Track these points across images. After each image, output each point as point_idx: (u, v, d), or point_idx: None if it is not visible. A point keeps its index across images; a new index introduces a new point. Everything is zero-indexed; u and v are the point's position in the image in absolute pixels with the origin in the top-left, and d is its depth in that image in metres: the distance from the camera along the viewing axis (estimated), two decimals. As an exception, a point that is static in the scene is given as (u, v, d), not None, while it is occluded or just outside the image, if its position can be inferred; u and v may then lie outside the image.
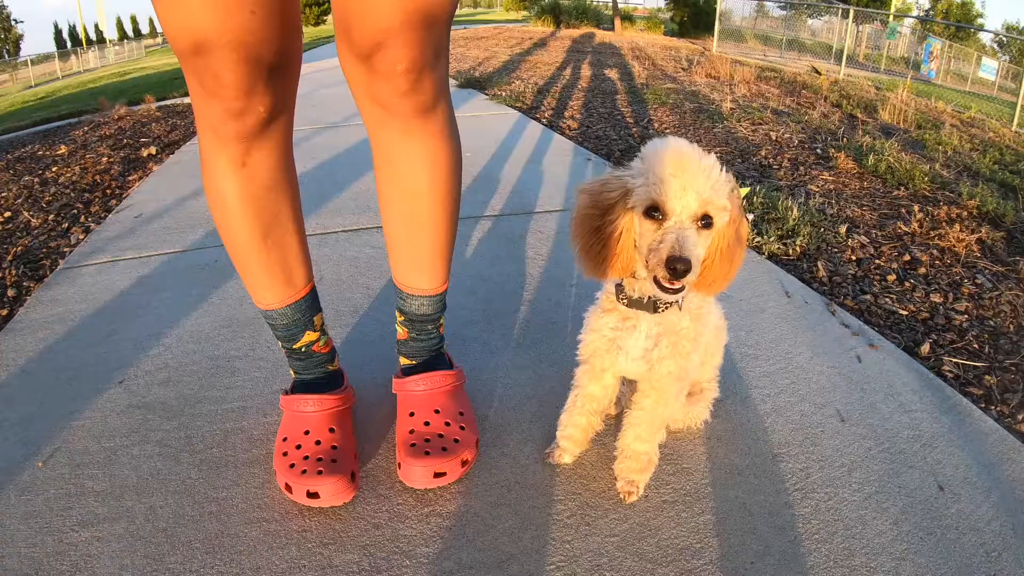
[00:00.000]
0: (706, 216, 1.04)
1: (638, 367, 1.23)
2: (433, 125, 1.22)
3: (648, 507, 1.29)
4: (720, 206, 1.04)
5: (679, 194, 1.01)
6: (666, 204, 1.02)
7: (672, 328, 1.20)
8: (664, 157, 1.04)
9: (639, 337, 1.21)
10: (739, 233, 1.11)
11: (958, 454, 1.46)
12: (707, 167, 1.03)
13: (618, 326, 1.22)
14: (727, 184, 1.06)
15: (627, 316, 1.21)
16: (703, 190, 1.01)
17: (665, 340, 1.20)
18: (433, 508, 1.27)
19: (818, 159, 4.21)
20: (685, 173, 1.01)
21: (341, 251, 2.40)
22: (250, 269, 1.29)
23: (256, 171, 1.20)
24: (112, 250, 2.45)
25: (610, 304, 1.24)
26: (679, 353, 1.20)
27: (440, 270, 1.39)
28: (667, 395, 1.24)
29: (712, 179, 1.03)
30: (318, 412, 1.34)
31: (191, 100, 1.12)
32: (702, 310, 1.23)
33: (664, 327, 1.20)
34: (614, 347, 1.23)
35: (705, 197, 1.02)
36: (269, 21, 1.03)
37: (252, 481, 1.32)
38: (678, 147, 1.05)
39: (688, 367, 1.23)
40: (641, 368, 1.23)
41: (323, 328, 1.44)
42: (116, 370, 1.67)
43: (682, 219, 1.03)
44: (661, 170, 1.03)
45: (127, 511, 1.24)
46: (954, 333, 2.13)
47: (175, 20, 0.99)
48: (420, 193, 1.27)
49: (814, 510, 1.29)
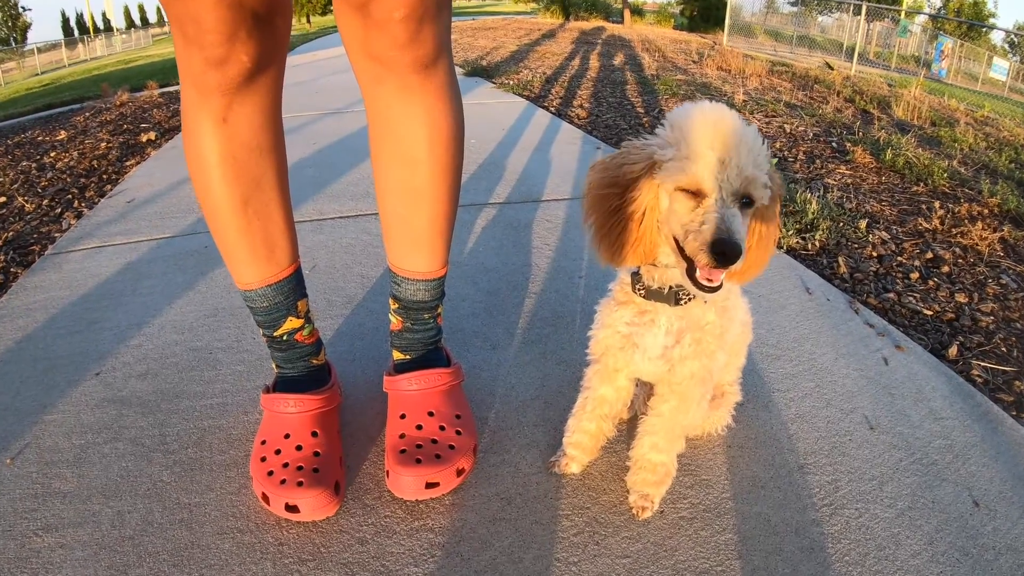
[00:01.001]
0: (747, 196, 0.92)
1: (656, 367, 1.12)
2: (433, 83, 1.13)
3: (664, 524, 1.19)
4: (762, 183, 0.92)
5: (719, 169, 0.90)
6: (704, 181, 0.90)
7: (696, 323, 1.08)
8: (699, 125, 0.92)
9: (658, 333, 1.09)
10: (774, 212, 1.02)
11: (992, 466, 1.39)
12: (750, 138, 0.91)
13: (634, 321, 1.11)
14: (769, 158, 0.94)
15: (644, 310, 1.10)
16: (745, 165, 0.90)
17: (688, 337, 1.08)
18: (424, 522, 1.17)
19: (834, 152, 4.16)
20: (725, 145, 0.90)
21: (337, 238, 2.34)
22: (228, 240, 1.21)
23: (238, 128, 1.12)
24: (101, 235, 2.41)
25: (625, 296, 1.12)
26: (703, 352, 1.08)
27: (439, 251, 1.29)
28: (689, 400, 1.13)
29: (755, 152, 0.91)
30: (300, 414, 1.25)
31: (175, 50, 1.06)
32: (728, 302, 1.11)
33: (687, 322, 1.08)
34: (629, 344, 1.12)
35: (748, 174, 0.90)
36: None
37: (227, 486, 1.24)
38: (716, 113, 0.93)
39: (713, 368, 1.11)
40: (660, 369, 1.11)
41: (308, 316, 1.34)
42: (94, 361, 1.61)
43: (724, 197, 0.90)
44: (696, 140, 0.91)
45: (94, 515, 1.17)
46: (981, 335, 2.06)
47: None
48: (419, 159, 1.18)
49: (844, 528, 1.20)
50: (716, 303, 1.08)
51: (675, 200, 0.93)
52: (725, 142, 0.90)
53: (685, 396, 1.12)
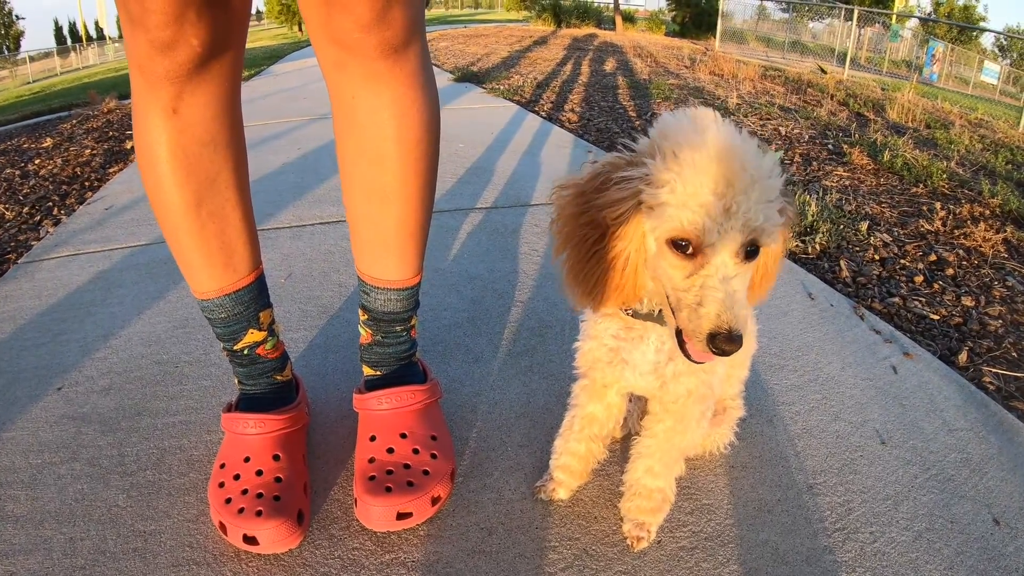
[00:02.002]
0: (753, 244, 0.78)
1: (648, 383, 1.02)
2: (403, 70, 1.04)
3: (661, 555, 1.10)
4: (774, 225, 0.77)
5: (723, 220, 0.74)
6: (703, 238, 0.75)
7: None
8: (699, 158, 0.76)
9: (647, 350, 0.99)
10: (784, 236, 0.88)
11: (1011, 480, 1.33)
12: (764, 172, 0.76)
13: (621, 335, 1.01)
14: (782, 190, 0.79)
15: (632, 325, 1.00)
16: (756, 213, 0.75)
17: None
18: (396, 556, 1.09)
19: (831, 155, 4.12)
20: (731, 186, 0.74)
21: (316, 244, 2.28)
22: (181, 244, 1.13)
23: (189, 121, 1.04)
24: (76, 243, 2.36)
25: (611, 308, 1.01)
26: (701, 368, 0.98)
27: (411, 257, 1.20)
28: (687, 419, 1.03)
29: (768, 191, 0.76)
30: (261, 435, 1.17)
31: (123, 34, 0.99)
32: None
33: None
34: (618, 359, 1.02)
35: (757, 222, 0.75)
36: None
37: (185, 512, 1.16)
38: (720, 140, 0.76)
39: (713, 383, 1.02)
40: (652, 384, 1.02)
41: (272, 328, 1.26)
42: (57, 375, 1.56)
43: (726, 260, 0.76)
44: (694, 181, 0.75)
45: (45, 542, 1.10)
46: (991, 340, 2.01)
47: None
48: (386, 154, 1.09)
49: (859, 555, 1.12)
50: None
51: (666, 254, 0.80)
52: (732, 182, 0.74)
53: (682, 416, 1.03)
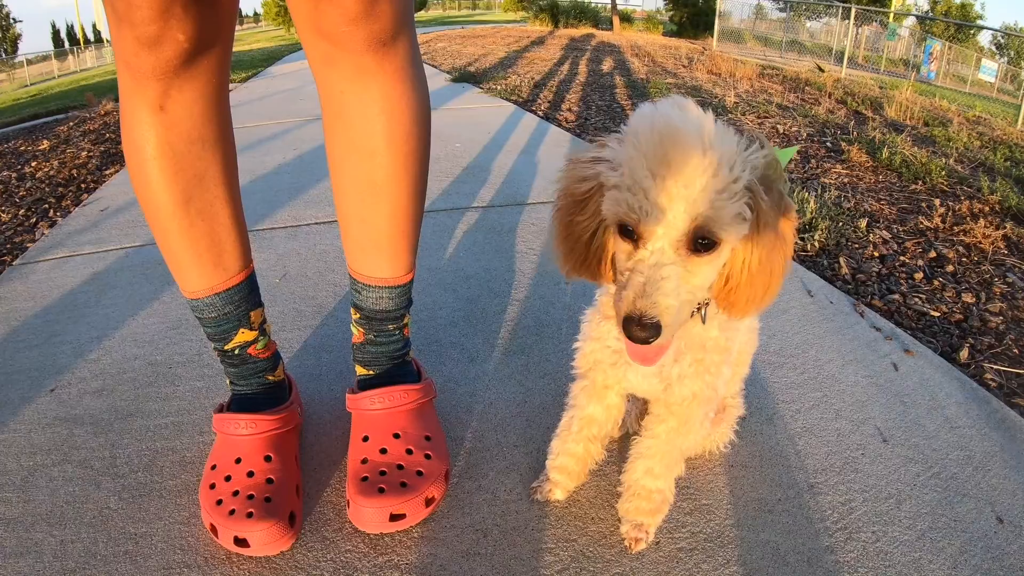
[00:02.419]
0: (703, 236, 0.74)
1: (651, 386, 1.00)
2: (391, 64, 1.03)
3: (660, 557, 1.09)
4: (728, 219, 0.74)
5: (661, 206, 0.72)
6: (642, 222, 0.74)
7: (696, 342, 0.96)
8: (647, 139, 0.73)
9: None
10: (781, 232, 0.80)
11: (1014, 478, 1.31)
12: (713, 157, 0.72)
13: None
14: (749, 172, 0.75)
15: None
16: (699, 198, 0.71)
17: (688, 357, 0.96)
18: (389, 558, 1.07)
19: (829, 152, 4.11)
20: (674, 169, 0.71)
21: (311, 244, 2.26)
22: (170, 243, 1.12)
23: (176, 118, 1.04)
24: (71, 245, 2.36)
25: (610, 309, 0.99)
26: (706, 370, 0.96)
27: (403, 254, 1.19)
28: (690, 421, 1.01)
29: (719, 179, 0.72)
30: (252, 436, 1.15)
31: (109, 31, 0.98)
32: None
33: (685, 341, 0.96)
34: (621, 360, 1.00)
35: (702, 210, 0.72)
36: None
37: (177, 515, 1.15)
38: (670, 124, 0.73)
39: (717, 385, 0.99)
40: (655, 387, 1.00)
41: (263, 328, 1.25)
42: (50, 376, 1.55)
43: (663, 246, 0.74)
44: (640, 163, 0.73)
45: (36, 545, 1.10)
46: (992, 337, 1.99)
47: None
48: (375, 149, 1.08)
49: (861, 554, 1.11)
50: (719, 317, 0.94)
51: (615, 236, 0.79)
52: (672, 167, 0.71)
53: (686, 417, 1.01)
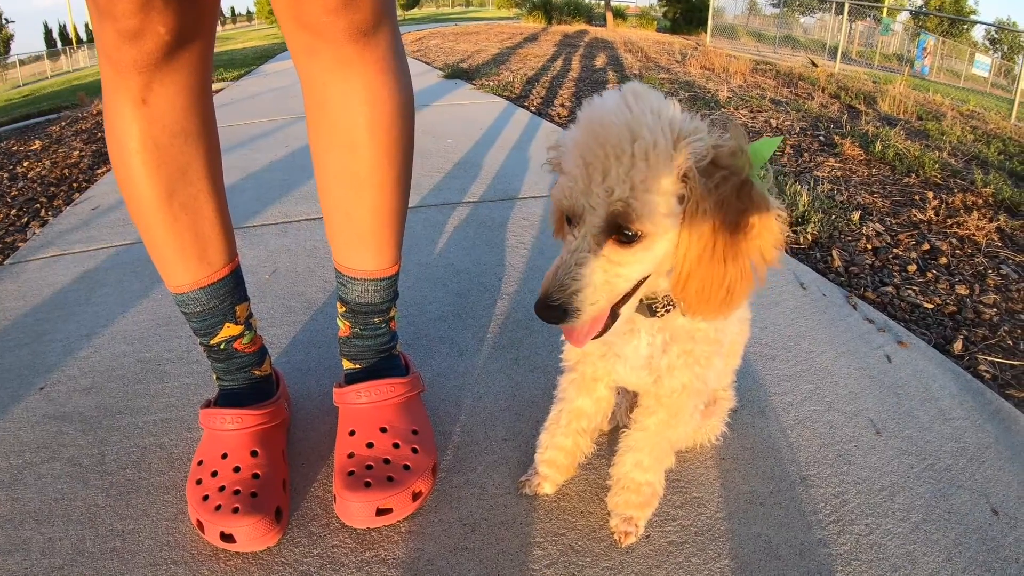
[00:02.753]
0: (620, 225, 0.75)
1: (640, 378, 0.99)
2: (373, 54, 1.03)
3: (650, 551, 1.08)
4: (648, 211, 0.73)
5: (584, 194, 0.73)
6: (571, 209, 0.76)
7: (684, 333, 0.95)
8: (582, 130, 0.75)
9: (639, 345, 0.97)
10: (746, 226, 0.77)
11: (1008, 469, 1.32)
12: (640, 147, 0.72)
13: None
14: (688, 160, 0.74)
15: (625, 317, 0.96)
16: (618, 189, 0.72)
17: (676, 348, 0.95)
18: (376, 553, 1.06)
19: (822, 146, 4.11)
20: (596, 160, 0.72)
21: (301, 241, 2.26)
22: (154, 237, 1.12)
23: (159, 111, 1.03)
24: (61, 243, 2.35)
25: None
26: (696, 361, 0.96)
27: (388, 246, 1.19)
28: (681, 414, 1.01)
29: (643, 167, 0.72)
30: (238, 431, 1.14)
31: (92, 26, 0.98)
32: None
33: (671, 332, 0.95)
34: (610, 353, 0.99)
35: (619, 200, 0.72)
36: None
37: (164, 511, 1.15)
38: (602, 114, 0.74)
39: (709, 376, 0.99)
40: (644, 379, 0.99)
41: (249, 322, 1.24)
42: (40, 375, 1.55)
43: (585, 234, 0.75)
44: (574, 152, 0.75)
45: (24, 542, 1.09)
46: (985, 328, 2.00)
47: None
48: (358, 142, 1.08)
49: (854, 547, 1.11)
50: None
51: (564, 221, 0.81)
52: (596, 152, 0.72)
53: (676, 409, 1.00)
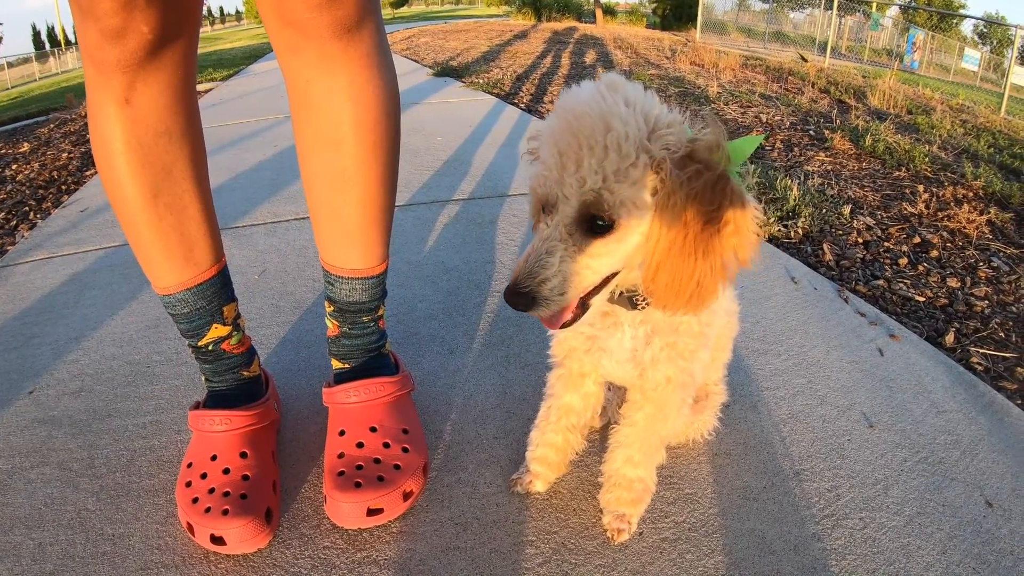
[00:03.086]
0: (592, 216, 0.76)
1: (626, 371, 0.99)
2: (357, 51, 1.03)
3: (643, 547, 1.08)
4: (620, 200, 0.74)
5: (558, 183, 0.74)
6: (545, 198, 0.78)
7: (666, 325, 0.94)
8: (557, 120, 0.76)
9: (623, 337, 0.96)
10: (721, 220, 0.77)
11: (1002, 461, 1.32)
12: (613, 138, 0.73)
13: (596, 323, 0.98)
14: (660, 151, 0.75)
15: (606, 311, 0.97)
16: (590, 179, 0.73)
17: (659, 340, 0.95)
18: (367, 554, 1.06)
19: (812, 140, 4.12)
20: (569, 150, 0.73)
21: (290, 240, 2.25)
22: (140, 237, 1.11)
23: (142, 111, 1.03)
24: (50, 246, 2.34)
25: None
26: (680, 354, 0.95)
27: (375, 244, 1.18)
28: (667, 407, 1.00)
29: (615, 157, 0.73)
30: (227, 432, 1.14)
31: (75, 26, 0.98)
32: None
33: (654, 325, 0.95)
34: (595, 347, 0.99)
35: (592, 186, 0.73)
36: None
37: (154, 514, 1.14)
38: (575, 104, 0.75)
39: (695, 369, 0.98)
40: (630, 373, 0.99)
41: (236, 323, 1.23)
42: (29, 379, 1.54)
43: (557, 223, 0.76)
44: (549, 142, 0.76)
45: (14, 548, 1.09)
46: (977, 320, 2.00)
47: None
48: (343, 138, 1.08)
49: (848, 541, 1.11)
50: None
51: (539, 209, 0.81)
52: (571, 146, 0.73)
53: (662, 403, 1.00)
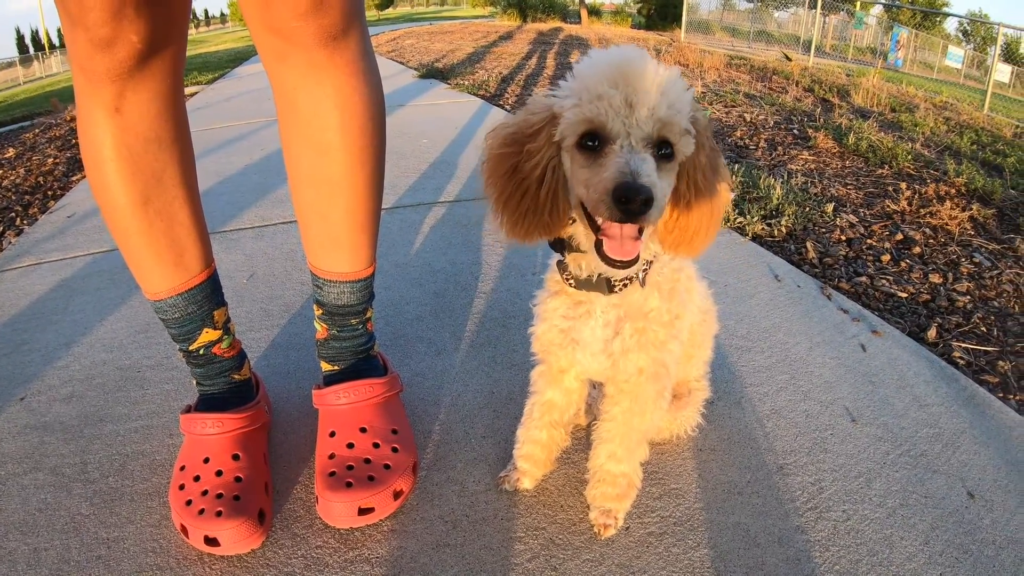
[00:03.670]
0: (664, 141, 0.81)
1: (600, 364, 1.01)
2: (343, 58, 1.05)
3: (630, 542, 1.11)
4: (681, 129, 0.82)
5: (624, 111, 0.79)
6: (606, 125, 0.80)
7: (636, 310, 0.97)
8: (602, 67, 0.81)
9: (595, 326, 0.99)
10: (716, 165, 0.90)
11: (983, 453, 1.35)
12: (662, 77, 0.80)
13: (570, 313, 1.01)
14: (690, 103, 0.84)
15: (579, 299, 0.99)
16: (658, 106, 0.79)
17: (628, 327, 0.97)
18: (359, 552, 1.08)
19: (796, 139, 4.15)
20: (630, 83, 0.79)
21: (279, 244, 2.27)
22: (130, 243, 1.13)
23: (132, 119, 1.05)
24: (37, 252, 2.34)
25: (556, 285, 1.02)
26: (650, 343, 0.98)
27: (362, 248, 1.21)
28: (642, 399, 1.03)
29: (670, 93, 0.80)
30: (220, 435, 1.17)
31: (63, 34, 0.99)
32: (678, 284, 1.00)
33: (625, 309, 0.97)
34: (569, 340, 1.02)
35: (661, 115, 0.79)
36: None
37: (148, 517, 1.16)
38: (621, 54, 0.82)
39: (666, 360, 1.01)
40: (603, 365, 1.01)
41: (227, 327, 1.26)
42: (20, 385, 1.55)
43: (631, 143, 0.79)
44: (598, 83, 0.80)
45: (9, 553, 1.10)
46: (959, 316, 2.03)
47: None
48: (330, 145, 1.10)
49: (832, 533, 1.14)
50: (659, 285, 0.98)
51: (576, 157, 0.83)
52: (630, 81, 0.79)
53: (636, 395, 1.03)
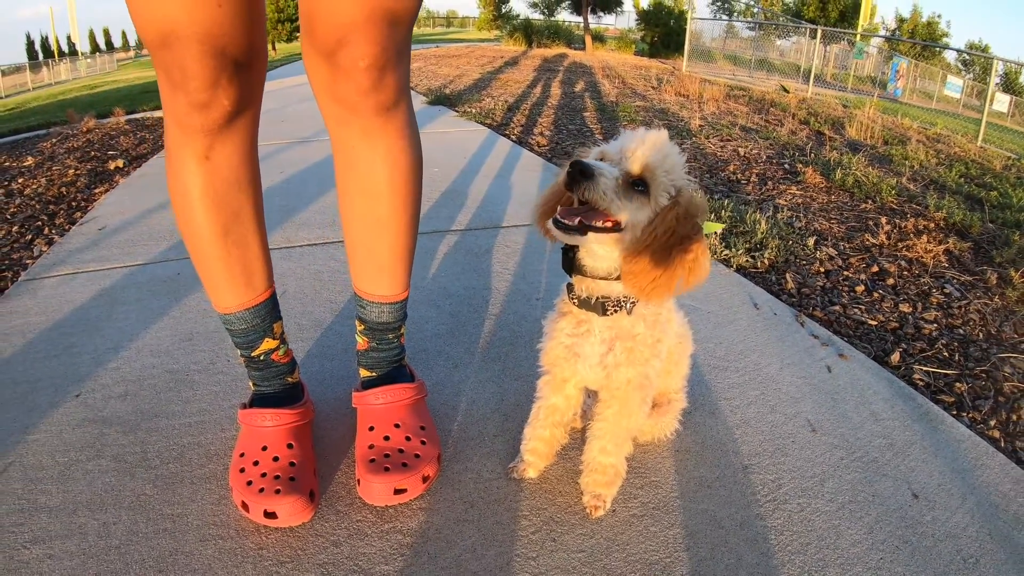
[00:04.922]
0: (641, 180, 1.04)
1: (596, 375, 1.20)
2: (394, 125, 1.21)
3: (616, 521, 1.26)
4: (664, 179, 1.05)
5: (622, 149, 1.05)
6: (606, 153, 1.07)
7: (626, 333, 1.17)
8: (629, 140, 1.07)
9: (594, 343, 1.18)
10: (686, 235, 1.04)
11: (931, 461, 1.46)
12: (662, 143, 1.06)
13: (574, 331, 1.20)
14: (679, 169, 1.08)
15: (581, 320, 1.19)
16: (649, 155, 1.03)
17: (619, 345, 1.17)
18: (394, 525, 1.23)
19: (786, 174, 4.23)
20: (636, 141, 1.05)
21: (306, 264, 2.37)
22: (210, 268, 1.27)
23: (219, 165, 1.19)
24: (74, 262, 2.41)
25: (566, 307, 1.21)
26: (637, 360, 1.17)
27: (400, 276, 1.37)
28: (629, 405, 1.21)
29: (663, 153, 1.05)
30: (276, 427, 1.31)
31: (160, 93, 1.12)
32: (660, 316, 1.19)
33: (617, 331, 1.17)
34: (572, 354, 1.20)
35: (648, 161, 1.03)
36: (235, 15, 1.05)
37: (208, 497, 1.28)
38: (648, 131, 1.08)
39: (649, 374, 1.20)
40: (599, 375, 1.20)
41: (283, 337, 1.41)
42: (73, 384, 1.63)
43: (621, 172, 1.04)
44: (622, 145, 1.07)
45: (80, 528, 1.19)
46: (924, 342, 2.13)
47: (144, 11, 1.01)
48: (380, 193, 1.26)
49: (787, 521, 1.27)
50: (644, 317, 1.17)
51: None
52: (636, 139, 1.06)
53: (625, 401, 1.21)
